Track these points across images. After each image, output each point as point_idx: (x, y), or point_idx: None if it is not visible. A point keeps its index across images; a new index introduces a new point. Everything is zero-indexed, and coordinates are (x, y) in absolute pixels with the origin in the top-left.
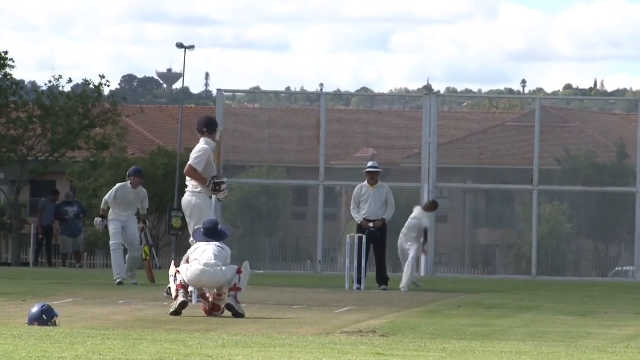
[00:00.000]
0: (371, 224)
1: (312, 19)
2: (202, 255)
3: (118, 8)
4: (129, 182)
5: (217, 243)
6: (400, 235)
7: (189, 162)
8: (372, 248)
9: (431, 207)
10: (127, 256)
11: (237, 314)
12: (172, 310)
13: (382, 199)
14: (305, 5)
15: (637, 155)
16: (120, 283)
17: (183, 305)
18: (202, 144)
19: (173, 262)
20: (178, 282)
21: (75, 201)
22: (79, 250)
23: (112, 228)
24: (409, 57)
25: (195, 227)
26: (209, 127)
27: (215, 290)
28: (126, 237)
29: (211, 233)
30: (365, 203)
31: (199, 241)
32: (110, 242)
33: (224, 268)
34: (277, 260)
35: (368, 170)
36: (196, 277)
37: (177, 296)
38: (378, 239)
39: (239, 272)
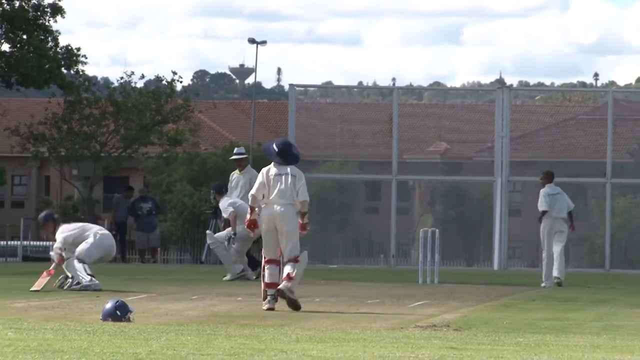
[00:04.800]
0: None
1: (384, 13)
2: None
3: (188, 3)
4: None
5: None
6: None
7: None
8: None
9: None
10: None
11: (291, 301)
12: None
13: (246, 187)
14: (377, 0)
15: None
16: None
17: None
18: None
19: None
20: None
21: (150, 197)
22: (154, 245)
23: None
24: (481, 50)
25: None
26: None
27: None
28: None
29: (285, 153)
30: (235, 189)
31: (270, 156)
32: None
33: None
34: (350, 255)
35: (233, 157)
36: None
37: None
38: None
39: (295, 260)
